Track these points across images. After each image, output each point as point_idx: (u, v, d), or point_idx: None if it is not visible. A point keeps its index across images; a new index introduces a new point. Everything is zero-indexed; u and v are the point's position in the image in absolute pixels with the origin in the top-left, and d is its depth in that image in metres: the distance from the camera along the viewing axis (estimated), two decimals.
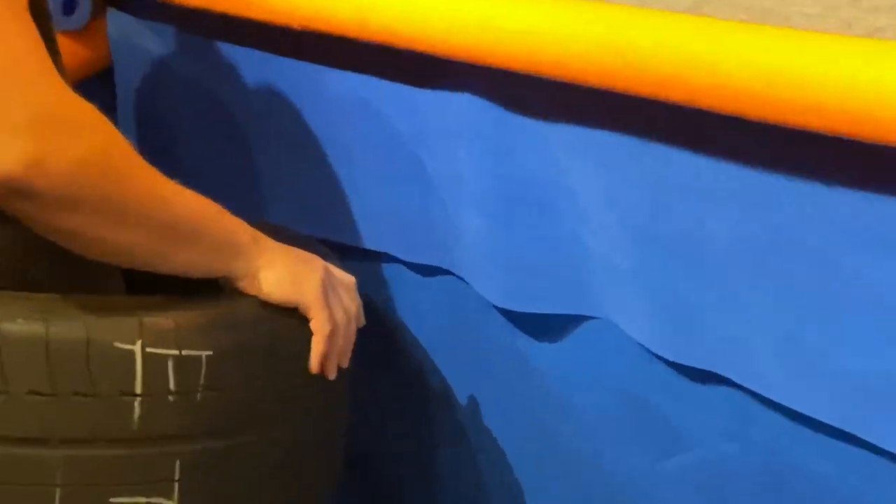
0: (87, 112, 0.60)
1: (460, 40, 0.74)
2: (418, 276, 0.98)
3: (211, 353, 0.64)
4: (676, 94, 0.63)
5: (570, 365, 0.86)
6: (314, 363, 0.70)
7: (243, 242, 0.68)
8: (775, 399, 0.67)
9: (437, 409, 1.02)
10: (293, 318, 0.70)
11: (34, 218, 0.59)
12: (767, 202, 0.64)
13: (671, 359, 0.75)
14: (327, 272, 0.72)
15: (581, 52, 0.66)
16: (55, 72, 0.60)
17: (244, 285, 0.69)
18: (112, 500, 0.63)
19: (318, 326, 0.69)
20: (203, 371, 0.64)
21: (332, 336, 0.70)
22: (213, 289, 0.70)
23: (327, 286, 0.71)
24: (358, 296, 0.76)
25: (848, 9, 0.68)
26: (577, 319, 0.84)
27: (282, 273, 0.70)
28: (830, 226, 0.61)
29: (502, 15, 0.72)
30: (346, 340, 0.72)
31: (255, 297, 0.69)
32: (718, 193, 0.68)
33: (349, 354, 0.73)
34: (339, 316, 0.71)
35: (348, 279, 0.75)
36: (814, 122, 0.56)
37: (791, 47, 0.57)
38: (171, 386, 0.63)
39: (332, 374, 0.71)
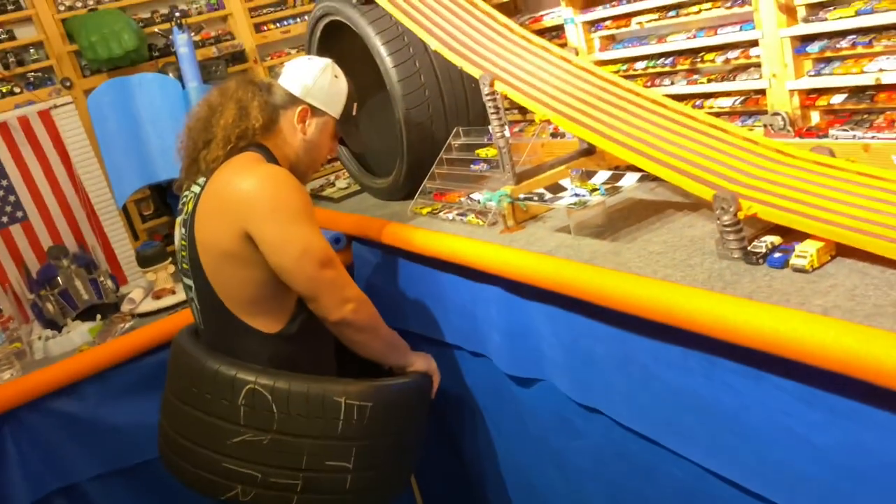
0: (365, 297, 1.78)
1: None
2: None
3: (372, 404, 1.67)
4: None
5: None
6: (434, 392, 1.94)
7: (405, 351, 1.91)
8: None
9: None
10: (419, 383, 1.87)
11: (347, 334, 1.76)
12: None
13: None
14: (432, 359, 1.96)
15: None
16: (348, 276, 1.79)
17: (402, 369, 1.90)
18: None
19: (437, 379, 1.95)
20: (367, 413, 1.66)
21: (437, 383, 1.95)
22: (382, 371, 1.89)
23: (434, 365, 1.95)
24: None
25: None
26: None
27: (419, 364, 1.91)
28: None
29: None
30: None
31: (403, 375, 1.87)
32: None
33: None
34: (438, 377, 1.95)
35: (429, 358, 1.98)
36: None
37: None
38: (356, 418, 1.63)
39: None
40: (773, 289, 1.33)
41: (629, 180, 1.83)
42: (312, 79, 1.81)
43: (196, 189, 1.75)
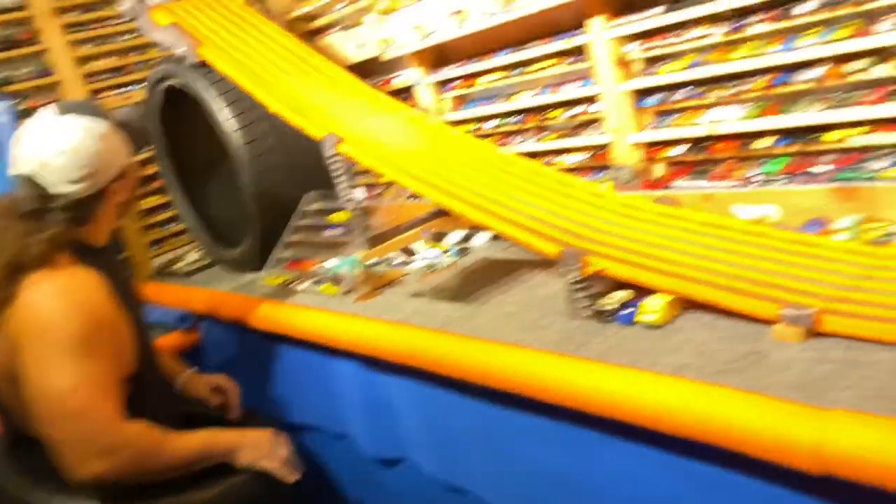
0: (131, 436, 1.33)
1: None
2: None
3: None
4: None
5: None
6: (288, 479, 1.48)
7: (219, 451, 1.44)
8: None
9: None
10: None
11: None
12: None
13: None
14: (269, 440, 1.49)
15: None
16: (116, 415, 1.32)
17: (235, 463, 1.44)
18: None
19: (275, 470, 1.45)
20: None
21: (280, 470, 1.46)
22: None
23: (269, 448, 1.48)
24: (285, 443, 1.50)
25: None
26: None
27: (246, 453, 1.45)
28: None
29: None
30: (287, 471, 1.47)
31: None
32: None
33: (293, 472, 1.48)
34: (276, 464, 1.46)
35: (274, 436, 1.51)
36: None
37: None
38: None
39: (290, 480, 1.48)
40: (623, 348, 1.27)
41: (480, 239, 1.76)
42: (89, 162, 1.42)
43: None
